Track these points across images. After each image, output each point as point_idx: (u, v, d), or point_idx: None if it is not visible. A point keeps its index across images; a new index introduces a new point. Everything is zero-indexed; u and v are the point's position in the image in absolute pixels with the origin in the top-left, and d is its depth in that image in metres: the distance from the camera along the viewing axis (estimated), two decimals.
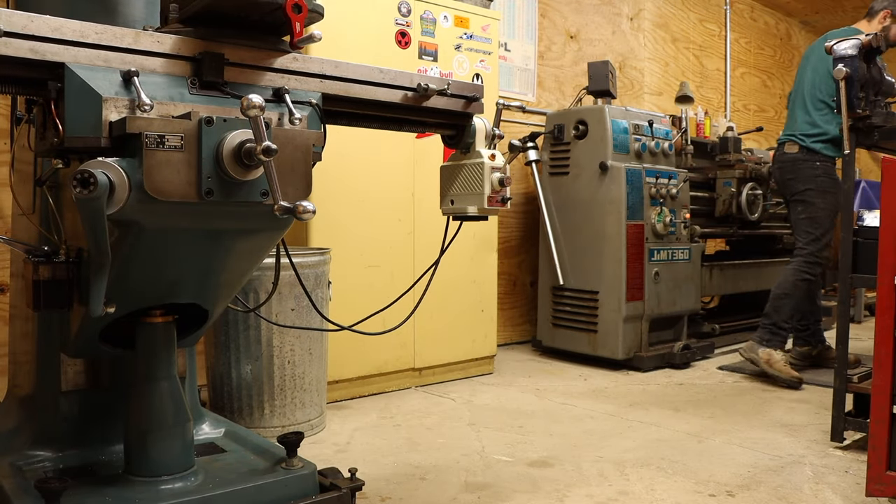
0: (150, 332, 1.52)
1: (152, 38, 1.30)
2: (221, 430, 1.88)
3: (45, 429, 1.65)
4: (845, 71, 2.42)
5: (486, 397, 3.26)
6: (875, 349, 1.93)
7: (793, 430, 2.78)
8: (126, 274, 1.33)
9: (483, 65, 3.51)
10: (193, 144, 1.19)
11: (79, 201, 1.12)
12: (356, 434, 2.68)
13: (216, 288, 1.53)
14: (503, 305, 4.37)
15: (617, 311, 3.80)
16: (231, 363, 2.53)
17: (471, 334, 3.59)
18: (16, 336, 1.85)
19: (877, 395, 1.93)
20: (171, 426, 1.51)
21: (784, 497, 2.10)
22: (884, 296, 1.92)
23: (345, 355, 3.07)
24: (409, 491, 2.13)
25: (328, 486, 1.62)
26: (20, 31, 1.17)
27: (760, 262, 4.90)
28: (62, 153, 1.26)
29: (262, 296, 2.45)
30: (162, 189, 1.17)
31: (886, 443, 1.91)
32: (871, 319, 5.74)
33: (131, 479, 1.50)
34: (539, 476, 2.26)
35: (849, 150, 2.50)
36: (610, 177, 3.82)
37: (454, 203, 1.80)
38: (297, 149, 1.29)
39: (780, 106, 7.28)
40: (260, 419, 2.55)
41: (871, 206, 5.49)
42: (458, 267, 3.47)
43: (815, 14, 7.21)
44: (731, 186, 4.50)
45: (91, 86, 1.20)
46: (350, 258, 3.08)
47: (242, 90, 1.36)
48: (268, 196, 1.25)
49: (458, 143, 1.78)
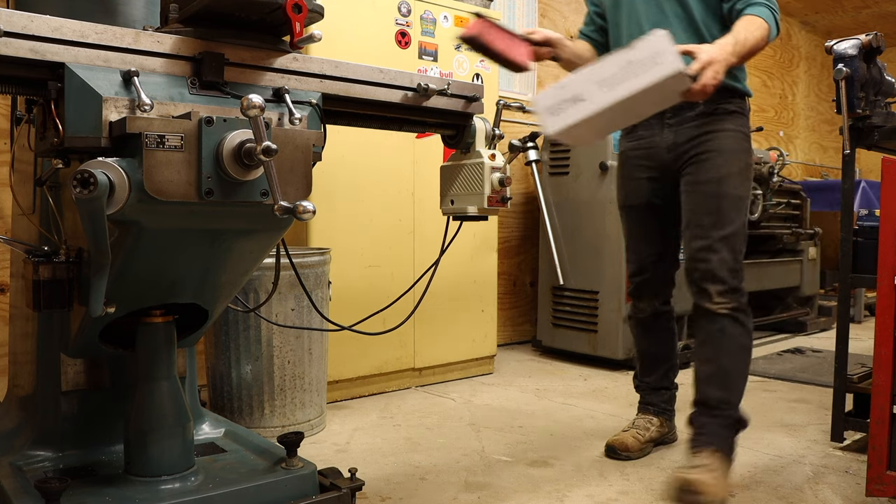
0: (151, 332, 1.52)
1: (152, 38, 1.30)
2: (221, 430, 1.88)
3: (45, 429, 1.65)
4: (845, 71, 2.42)
5: (486, 397, 3.26)
6: (875, 349, 1.93)
7: (793, 430, 2.78)
8: (126, 274, 1.33)
9: (483, 65, 3.51)
10: (193, 144, 1.19)
11: (79, 201, 1.12)
12: (356, 434, 2.68)
13: (216, 288, 1.53)
14: (503, 305, 4.37)
15: (617, 311, 3.80)
16: (231, 363, 2.53)
17: (471, 334, 3.59)
18: (16, 336, 1.85)
19: (877, 395, 1.93)
20: (171, 426, 1.51)
21: (784, 497, 2.10)
22: (884, 296, 1.92)
23: (345, 355, 3.07)
24: (409, 491, 2.13)
25: (328, 486, 1.62)
26: (20, 31, 1.17)
27: (760, 262, 4.90)
28: (62, 153, 1.26)
29: (262, 296, 2.45)
30: (162, 189, 1.17)
31: (886, 443, 1.91)
32: (871, 319, 5.74)
33: (131, 479, 1.50)
34: (539, 476, 2.26)
35: (849, 150, 2.50)
36: (610, 177, 3.82)
37: (454, 203, 1.81)
38: (297, 149, 1.29)
39: (780, 106, 7.28)
40: (260, 419, 2.55)
41: (872, 206, 5.49)
42: (458, 267, 3.47)
43: (815, 14, 7.21)
44: None
45: (91, 86, 1.20)
46: (350, 258, 3.08)
47: (242, 90, 1.36)
48: (268, 196, 1.25)
49: (459, 143, 1.78)
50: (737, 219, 2.13)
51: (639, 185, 2.36)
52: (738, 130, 2.18)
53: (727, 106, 2.18)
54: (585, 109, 1.61)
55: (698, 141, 2.18)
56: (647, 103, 1.76)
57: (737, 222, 2.13)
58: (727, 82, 2.07)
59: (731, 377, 2.11)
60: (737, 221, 2.13)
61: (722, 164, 2.14)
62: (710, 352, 2.13)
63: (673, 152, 2.24)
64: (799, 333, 5.13)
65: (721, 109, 2.18)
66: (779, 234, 5.07)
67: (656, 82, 1.59)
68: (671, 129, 2.23)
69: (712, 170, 2.14)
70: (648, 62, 1.56)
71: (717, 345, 2.11)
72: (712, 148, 2.15)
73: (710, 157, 2.15)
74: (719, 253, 2.09)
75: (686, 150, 2.20)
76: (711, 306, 2.11)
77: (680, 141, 2.22)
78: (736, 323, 2.10)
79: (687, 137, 2.20)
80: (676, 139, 2.22)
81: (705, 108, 2.17)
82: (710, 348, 2.13)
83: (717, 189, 2.13)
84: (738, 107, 2.21)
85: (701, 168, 2.16)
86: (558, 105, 1.63)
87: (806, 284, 5.29)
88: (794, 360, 4.18)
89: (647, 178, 2.33)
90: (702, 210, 2.15)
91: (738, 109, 2.20)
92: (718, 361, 2.11)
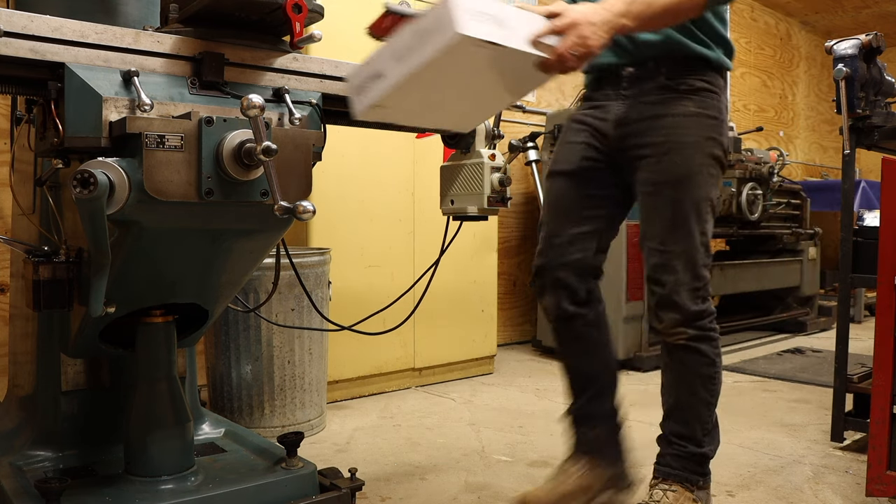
0: (151, 332, 1.52)
1: (152, 38, 1.30)
2: (221, 430, 1.88)
3: (45, 429, 1.65)
4: (845, 71, 2.42)
5: (486, 397, 3.26)
6: (875, 349, 1.93)
7: (793, 430, 2.78)
8: (126, 274, 1.33)
9: None
10: (193, 144, 1.19)
11: (79, 201, 1.12)
12: (356, 434, 2.68)
13: (216, 288, 1.53)
14: (503, 305, 4.37)
15: (617, 311, 3.80)
16: (231, 363, 2.53)
17: (471, 334, 3.59)
18: (16, 336, 1.85)
19: (877, 395, 1.93)
20: (171, 426, 1.51)
21: (784, 497, 2.10)
22: (884, 296, 1.92)
23: (345, 355, 3.07)
24: (409, 491, 2.13)
25: (328, 486, 1.62)
26: (20, 31, 1.17)
27: (760, 262, 4.91)
28: (62, 153, 1.26)
29: (262, 296, 2.45)
30: (162, 189, 1.17)
31: (886, 443, 1.91)
32: (871, 319, 5.74)
33: (131, 479, 1.50)
34: (539, 476, 2.25)
35: (849, 150, 2.50)
36: None
37: (454, 203, 1.81)
38: (297, 149, 1.29)
39: (780, 106, 7.28)
40: (260, 419, 2.55)
41: (871, 206, 5.49)
42: (458, 267, 3.47)
43: (815, 14, 7.21)
44: (731, 186, 4.50)
45: (91, 86, 1.20)
46: (350, 258, 3.08)
47: (242, 90, 1.36)
48: (268, 196, 1.25)
49: (459, 142, 1.78)
50: (697, 227, 1.77)
51: (572, 148, 1.90)
52: (703, 114, 1.77)
53: (693, 81, 1.78)
54: (382, 87, 1.36)
55: (653, 126, 1.78)
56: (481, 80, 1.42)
57: (697, 231, 1.77)
58: (694, 48, 1.75)
59: (690, 410, 1.85)
60: (697, 230, 1.77)
61: (680, 161, 1.76)
62: (668, 381, 1.89)
63: (622, 129, 1.82)
64: (799, 333, 5.13)
65: (686, 85, 1.77)
66: (779, 234, 5.08)
67: (439, 54, 1.28)
68: (625, 102, 1.83)
69: (669, 169, 1.77)
70: (434, 29, 1.28)
71: (676, 376, 1.87)
72: (670, 139, 1.76)
73: (666, 152, 1.77)
74: (675, 273, 1.77)
75: (637, 131, 1.80)
76: (667, 338, 1.83)
77: (633, 117, 1.81)
78: (695, 353, 1.81)
79: (640, 115, 1.80)
80: (629, 113, 1.82)
81: (668, 79, 1.78)
82: (669, 378, 1.89)
83: (673, 193, 1.77)
84: (707, 82, 1.79)
85: (655, 166, 1.79)
86: (363, 83, 1.38)
87: (806, 284, 5.29)
88: (794, 360, 4.18)
89: (584, 142, 1.88)
90: (656, 218, 1.81)
91: (707, 86, 1.79)
92: (676, 394, 1.87)
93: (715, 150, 1.79)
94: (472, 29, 1.26)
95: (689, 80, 1.78)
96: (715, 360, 1.84)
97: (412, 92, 1.36)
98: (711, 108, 1.79)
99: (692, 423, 1.85)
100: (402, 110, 1.43)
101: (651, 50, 1.77)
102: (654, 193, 1.80)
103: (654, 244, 1.80)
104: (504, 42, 1.31)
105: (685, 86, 1.78)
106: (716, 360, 1.84)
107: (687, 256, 1.76)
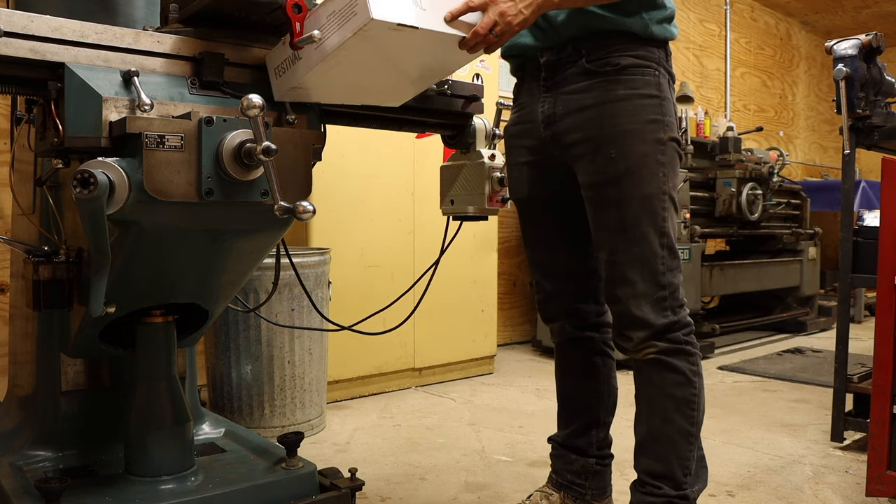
0: (150, 332, 1.52)
1: (152, 38, 1.30)
2: (221, 430, 1.88)
3: (45, 429, 1.65)
4: (845, 71, 2.42)
5: (486, 397, 3.26)
6: (875, 349, 1.93)
7: (793, 430, 2.78)
8: (126, 274, 1.33)
9: (483, 65, 3.51)
10: (193, 144, 1.19)
11: (79, 201, 1.12)
12: (356, 434, 2.68)
13: (216, 288, 1.53)
14: (503, 305, 4.37)
15: None
16: (231, 363, 2.53)
17: (471, 334, 3.59)
18: (16, 336, 1.85)
19: (877, 395, 1.93)
20: (171, 426, 1.51)
21: (784, 497, 2.10)
22: (884, 296, 1.92)
23: (345, 355, 3.07)
24: (409, 491, 2.13)
25: (328, 486, 1.62)
26: (20, 31, 1.17)
27: (760, 262, 4.91)
28: (62, 153, 1.26)
29: (262, 296, 2.45)
30: (162, 189, 1.17)
31: (886, 443, 1.91)
32: (871, 319, 5.74)
33: (131, 479, 1.50)
34: (539, 476, 2.25)
35: (849, 150, 2.50)
36: None
37: (454, 203, 1.80)
38: (297, 149, 1.29)
39: (780, 106, 7.28)
40: (260, 419, 2.55)
41: (871, 206, 5.49)
42: (458, 267, 3.47)
43: (815, 14, 7.21)
44: (731, 186, 4.50)
45: (91, 86, 1.20)
46: (350, 258, 3.08)
47: (242, 90, 1.35)
48: (268, 196, 1.25)
49: (458, 142, 1.78)
50: (653, 228, 1.52)
51: (519, 173, 1.74)
52: (635, 95, 1.52)
53: (618, 59, 1.52)
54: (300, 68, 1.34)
55: (579, 119, 1.56)
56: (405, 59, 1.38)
57: (653, 233, 1.53)
58: (613, 20, 1.50)
59: (665, 443, 1.56)
60: (653, 232, 1.52)
61: (617, 155, 1.52)
62: (640, 408, 1.62)
63: (551, 128, 1.62)
64: (799, 333, 5.13)
65: (609, 65, 1.53)
66: (779, 234, 5.08)
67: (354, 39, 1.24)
68: (548, 96, 1.62)
69: (606, 166, 1.53)
70: (347, 12, 1.24)
71: (647, 400, 1.60)
72: (601, 131, 1.53)
73: (598, 148, 1.54)
74: (633, 285, 1.53)
75: (566, 128, 1.59)
76: (634, 354, 1.59)
77: (558, 113, 1.60)
78: (666, 369, 1.55)
79: (566, 109, 1.59)
80: (555, 109, 1.61)
81: (589, 62, 1.54)
82: (641, 404, 1.62)
83: (616, 193, 1.53)
84: (637, 57, 1.54)
85: (590, 165, 1.56)
86: (282, 65, 1.36)
87: (806, 284, 5.29)
88: (794, 360, 4.18)
89: (525, 163, 1.72)
90: (603, 224, 1.57)
91: (637, 61, 1.53)
92: (648, 423, 1.59)
93: (659, 133, 1.53)
94: (385, 13, 1.23)
95: (612, 59, 1.53)
96: (692, 380, 1.56)
97: (330, 73, 1.34)
98: (646, 87, 1.54)
99: (668, 459, 1.55)
100: (322, 91, 1.41)
101: (567, 29, 1.55)
102: (595, 197, 1.57)
103: (604, 255, 1.58)
104: (419, 24, 1.27)
105: (609, 66, 1.53)
106: (693, 379, 1.56)
107: (643, 263, 1.53)
